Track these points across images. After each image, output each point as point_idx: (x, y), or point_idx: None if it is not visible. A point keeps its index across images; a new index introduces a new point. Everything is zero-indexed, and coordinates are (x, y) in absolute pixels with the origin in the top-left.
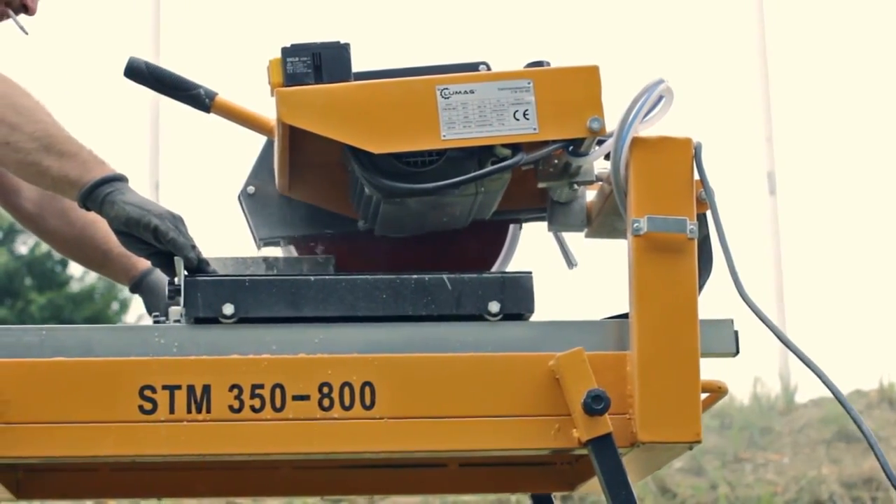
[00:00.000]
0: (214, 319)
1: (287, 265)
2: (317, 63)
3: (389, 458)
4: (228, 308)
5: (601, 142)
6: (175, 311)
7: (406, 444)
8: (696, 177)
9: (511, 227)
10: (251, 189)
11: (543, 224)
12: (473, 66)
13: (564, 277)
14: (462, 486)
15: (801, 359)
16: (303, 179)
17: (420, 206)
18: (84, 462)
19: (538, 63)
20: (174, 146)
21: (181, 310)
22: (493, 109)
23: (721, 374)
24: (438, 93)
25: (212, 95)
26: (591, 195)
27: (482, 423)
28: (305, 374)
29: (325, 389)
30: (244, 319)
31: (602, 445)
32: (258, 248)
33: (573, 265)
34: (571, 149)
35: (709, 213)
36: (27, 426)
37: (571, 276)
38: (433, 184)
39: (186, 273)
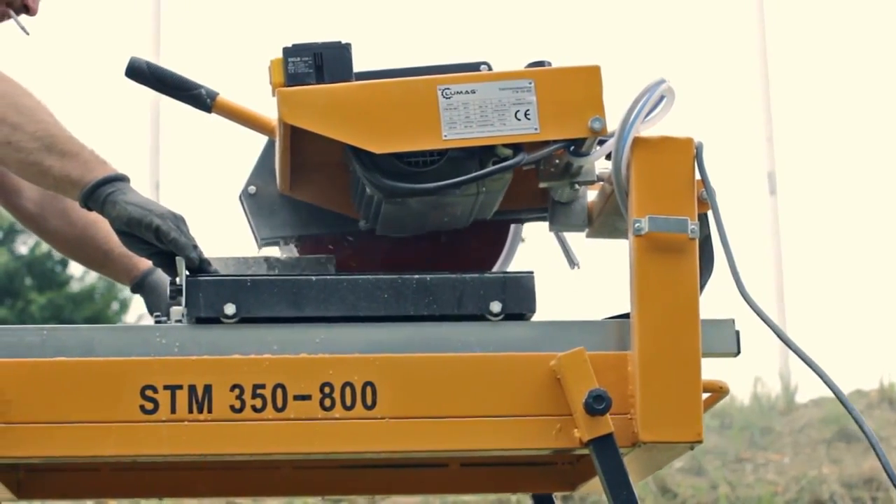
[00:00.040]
0: (216, 319)
1: (288, 265)
2: (318, 63)
3: (391, 458)
4: (230, 308)
5: (602, 142)
6: (176, 311)
7: (407, 444)
8: (698, 177)
9: (512, 228)
10: (252, 189)
11: (545, 224)
12: (474, 66)
13: (566, 277)
14: (463, 486)
15: (803, 359)
16: (304, 179)
17: (421, 206)
18: (85, 462)
19: (539, 63)
20: (174, 146)
21: (183, 310)
22: (495, 109)
23: (721, 374)
24: (440, 93)
25: (213, 95)
26: (593, 195)
27: (483, 423)
28: (307, 374)
29: (327, 389)
30: (246, 319)
31: (603, 445)
32: (259, 248)
33: (574, 265)
34: (573, 149)
35: (710, 213)
36: (28, 426)
37: (573, 276)
38: (434, 184)
39: (188, 273)
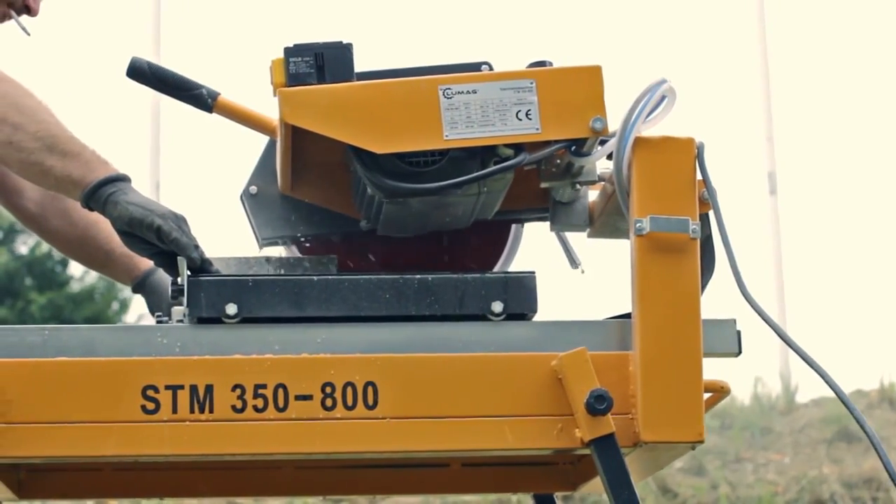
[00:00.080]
0: (217, 319)
1: (290, 265)
2: (319, 63)
3: (392, 458)
4: (231, 308)
5: (604, 142)
6: (178, 311)
7: (409, 444)
8: (699, 177)
9: (513, 227)
10: (253, 189)
11: (546, 224)
12: (476, 66)
13: (567, 277)
14: (464, 486)
15: (804, 359)
16: (305, 179)
17: (422, 206)
18: (86, 462)
19: (541, 63)
20: (175, 146)
21: (184, 310)
22: (496, 109)
23: (722, 374)
24: (441, 93)
25: (214, 95)
26: (594, 195)
27: (485, 423)
28: (308, 374)
29: (328, 389)
30: (247, 319)
31: (605, 445)
32: (260, 248)
33: (576, 265)
34: (574, 149)
35: (711, 213)
36: (30, 426)
37: (574, 276)
38: (436, 184)
39: (189, 273)
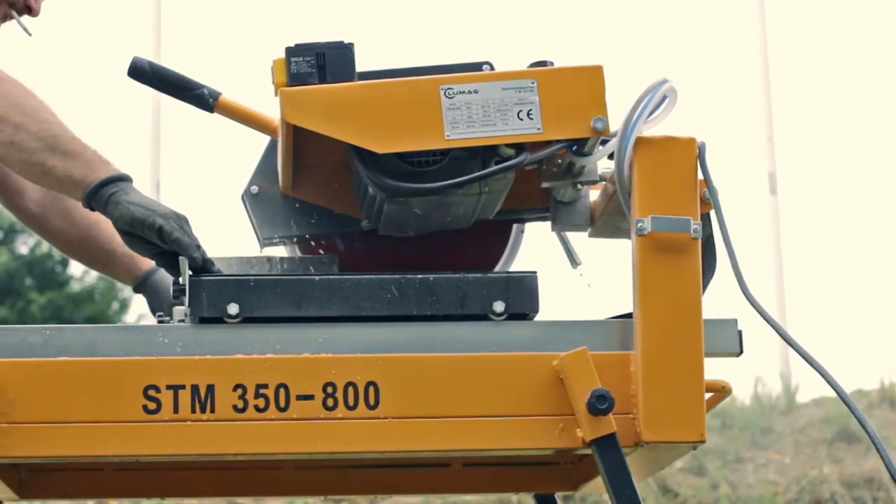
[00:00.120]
0: (219, 319)
1: (291, 265)
2: (321, 63)
3: (393, 458)
4: (233, 308)
5: (605, 141)
6: (179, 311)
7: (410, 444)
8: (700, 176)
9: (514, 227)
10: (255, 189)
11: (547, 224)
12: (477, 66)
13: (568, 277)
14: (465, 486)
15: (806, 359)
16: (306, 179)
17: (424, 206)
18: (88, 462)
19: (542, 63)
20: (175, 146)
21: (185, 309)
22: (497, 109)
23: (722, 374)
24: (442, 92)
25: (215, 95)
26: (595, 195)
27: (486, 423)
28: (310, 374)
29: (330, 389)
30: (248, 319)
31: (606, 445)
32: (261, 248)
33: (577, 265)
34: (575, 148)
35: (712, 213)
36: (31, 426)
37: (575, 276)
38: (437, 183)
39: (191, 273)
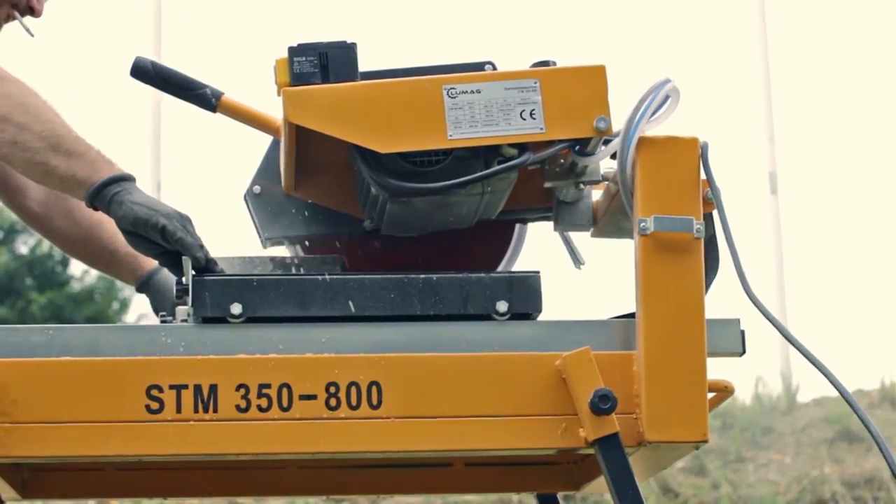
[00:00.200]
0: (222, 319)
1: (294, 265)
2: (323, 62)
3: (395, 458)
4: (236, 308)
5: (607, 141)
6: (182, 311)
7: (413, 444)
8: (703, 176)
9: (517, 227)
10: (257, 189)
11: (550, 224)
12: (479, 66)
13: (571, 277)
14: (467, 486)
15: (809, 359)
16: (309, 179)
17: (426, 206)
18: (90, 462)
19: (544, 63)
20: (176, 146)
21: (188, 309)
22: (500, 109)
23: (723, 374)
24: (445, 92)
25: (218, 95)
26: (597, 195)
27: (489, 423)
28: (312, 374)
29: (332, 389)
30: (251, 319)
31: (609, 445)
32: (264, 248)
33: (580, 265)
34: (578, 148)
35: (715, 213)
36: (33, 426)
37: (578, 276)
38: (440, 183)
39: (194, 273)
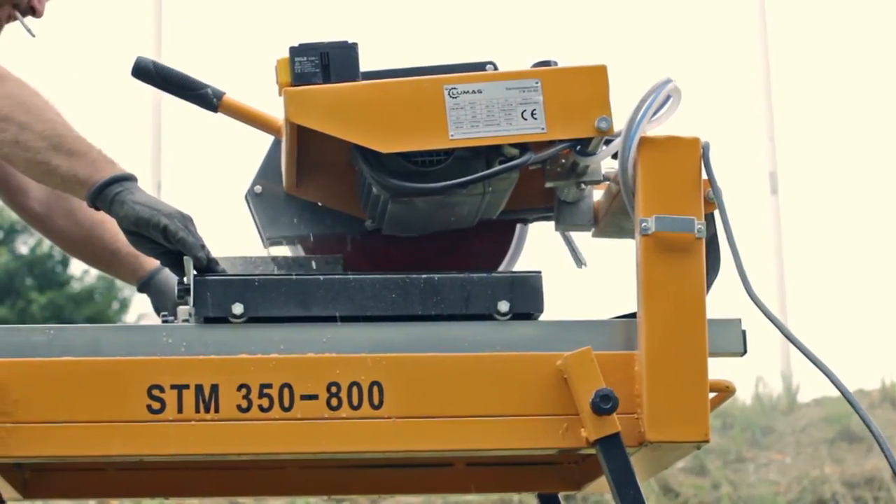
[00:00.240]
0: (223, 319)
1: (295, 265)
2: (325, 62)
3: (396, 458)
4: (238, 308)
5: (609, 141)
6: (183, 311)
7: (414, 444)
8: (704, 176)
9: (518, 227)
10: (258, 188)
11: (551, 224)
12: (480, 66)
13: (572, 277)
14: (468, 486)
15: (810, 359)
16: (310, 179)
17: (428, 206)
18: (91, 462)
19: (546, 63)
20: (176, 145)
21: (190, 309)
22: (501, 109)
23: (723, 374)
24: (446, 92)
25: (219, 95)
26: (599, 195)
27: (490, 423)
28: (314, 374)
29: (334, 389)
30: (253, 319)
31: (610, 445)
32: (265, 248)
33: (581, 265)
34: (579, 148)
35: (716, 213)
36: (35, 426)
37: (579, 276)
38: (441, 183)
39: (196, 273)
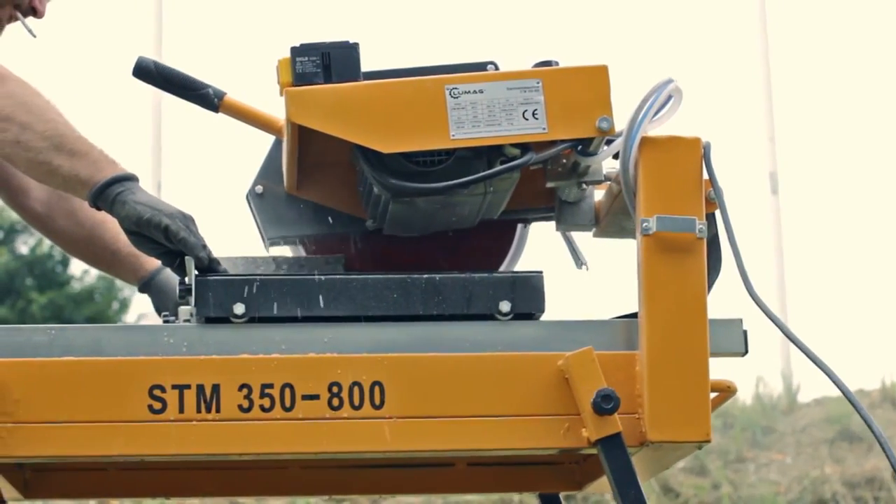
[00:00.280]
0: (225, 319)
1: (297, 265)
2: (326, 62)
3: (397, 458)
4: (239, 308)
5: (610, 141)
6: (184, 311)
7: (415, 444)
8: (705, 176)
9: (519, 227)
10: (259, 188)
11: (552, 224)
12: (482, 66)
13: (573, 277)
14: (469, 486)
15: (811, 359)
16: (311, 179)
17: (429, 206)
18: (92, 462)
19: (547, 63)
20: (176, 145)
21: (191, 309)
22: (503, 109)
23: (724, 374)
24: (447, 92)
25: (220, 95)
26: (600, 195)
27: (491, 423)
28: (315, 374)
29: (335, 389)
30: (254, 319)
31: (611, 445)
32: (266, 248)
33: (582, 265)
34: (580, 148)
35: (717, 213)
36: (36, 426)
37: (581, 276)
38: (442, 183)
39: (197, 273)
